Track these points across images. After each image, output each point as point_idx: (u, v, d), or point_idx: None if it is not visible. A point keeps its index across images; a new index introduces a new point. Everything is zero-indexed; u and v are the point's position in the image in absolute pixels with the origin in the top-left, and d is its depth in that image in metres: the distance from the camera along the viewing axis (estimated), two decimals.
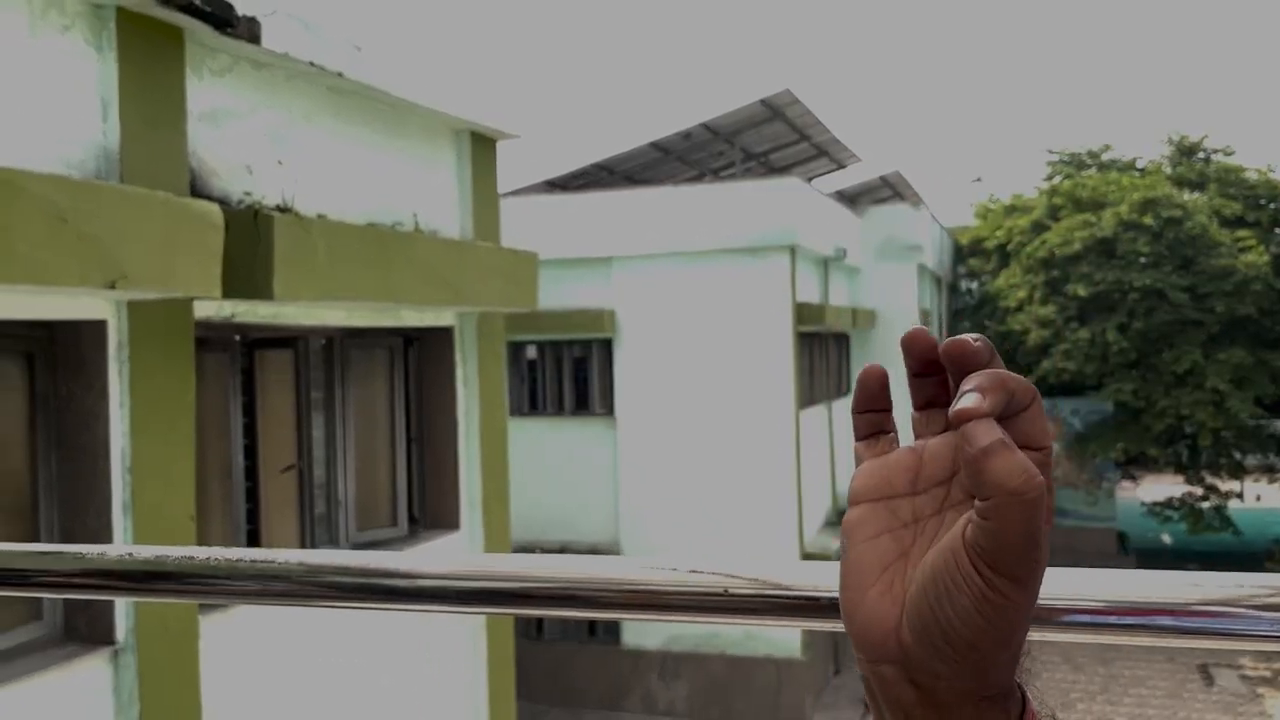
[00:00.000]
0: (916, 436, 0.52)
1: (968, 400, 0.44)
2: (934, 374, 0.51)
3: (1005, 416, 0.44)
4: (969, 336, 0.47)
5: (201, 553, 0.72)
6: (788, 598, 0.62)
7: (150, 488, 4.08)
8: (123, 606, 4.03)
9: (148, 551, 0.73)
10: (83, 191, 3.57)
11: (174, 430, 4.18)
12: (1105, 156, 24.19)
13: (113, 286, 3.60)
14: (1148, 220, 19.17)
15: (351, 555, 0.71)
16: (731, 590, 0.63)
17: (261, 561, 0.71)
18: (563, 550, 15.12)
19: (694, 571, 0.65)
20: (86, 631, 4.00)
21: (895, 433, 0.54)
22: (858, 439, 0.54)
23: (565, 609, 0.67)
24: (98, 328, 3.99)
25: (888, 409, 0.54)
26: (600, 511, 15.28)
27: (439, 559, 0.70)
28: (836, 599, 0.52)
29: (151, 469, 4.08)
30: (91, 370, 4.00)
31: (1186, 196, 20.47)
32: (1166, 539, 26.22)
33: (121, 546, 0.75)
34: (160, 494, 4.11)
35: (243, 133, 4.69)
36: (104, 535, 3.98)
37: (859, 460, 0.53)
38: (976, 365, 0.47)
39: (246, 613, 4.64)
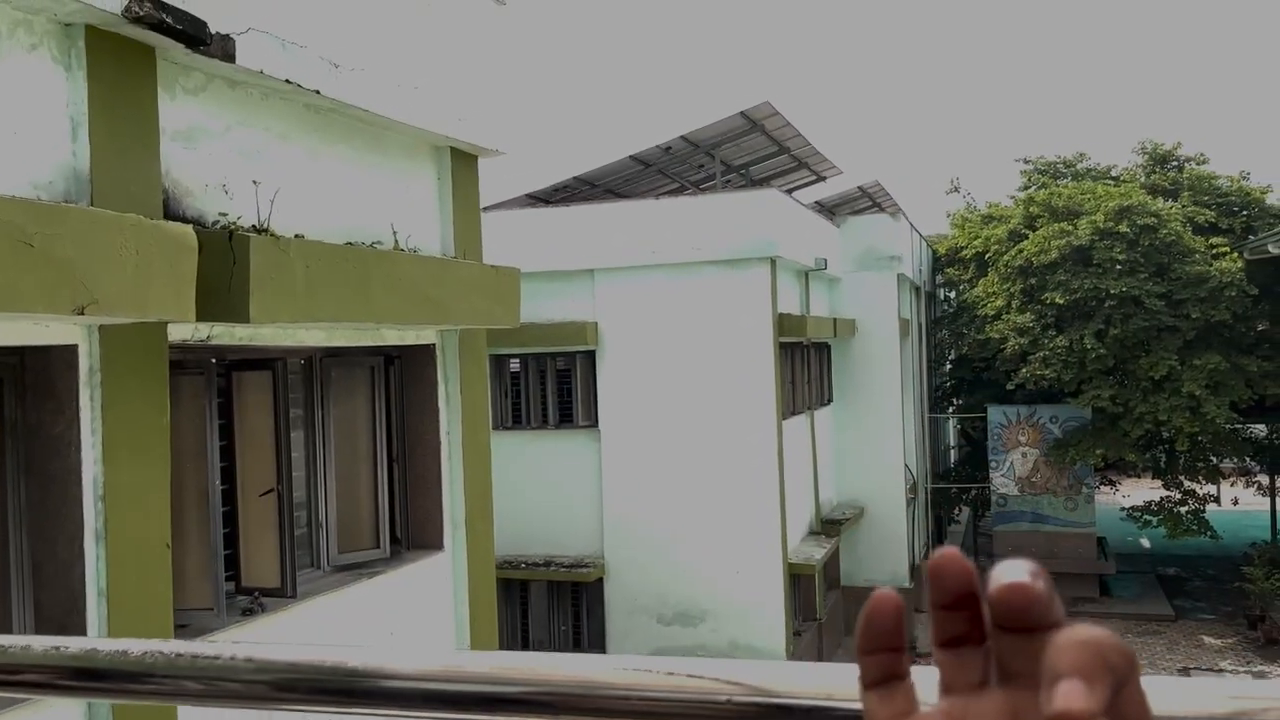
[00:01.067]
0: (944, 683, 0.41)
1: (1070, 698, 0.34)
2: (966, 607, 0.41)
3: None
4: (1025, 573, 0.37)
5: (137, 646, 0.64)
6: (798, 708, 0.56)
7: (124, 515, 3.98)
8: (94, 635, 3.93)
9: (76, 645, 0.65)
10: (51, 215, 3.48)
11: (148, 456, 4.08)
12: (1080, 165, 24.39)
13: (82, 312, 3.51)
14: (1123, 228, 19.32)
15: (306, 650, 0.64)
16: (735, 699, 0.57)
17: (205, 657, 0.63)
18: (548, 564, 15.02)
19: (692, 676, 0.59)
20: None
21: (911, 680, 0.43)
22: (866, 686, 0.43)
23: (544, 715, 0.60)
24: (68, 353, 3.89)
25: (902, 649, 0.43)
26: (584, 525, 15.19)
27: (406, 656, 0.63)
28: (851, 709, 0.45)
29: (125, 496, 3.99)
30: (62, 396, 3.91)
31: (1160, 204, 20.65)
32: (1145, 543, 26.38)
33: (47, 639, 0.67)
34: (134, 521, 4.01)
35: (217, 152, 4.61)
36: (75, 565, 3.88)
37: (870, 717, 0.42)
38: (1040, 618, 0.37)
39: None
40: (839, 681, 0.55)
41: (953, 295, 26.27)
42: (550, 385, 15.36)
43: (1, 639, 0.66)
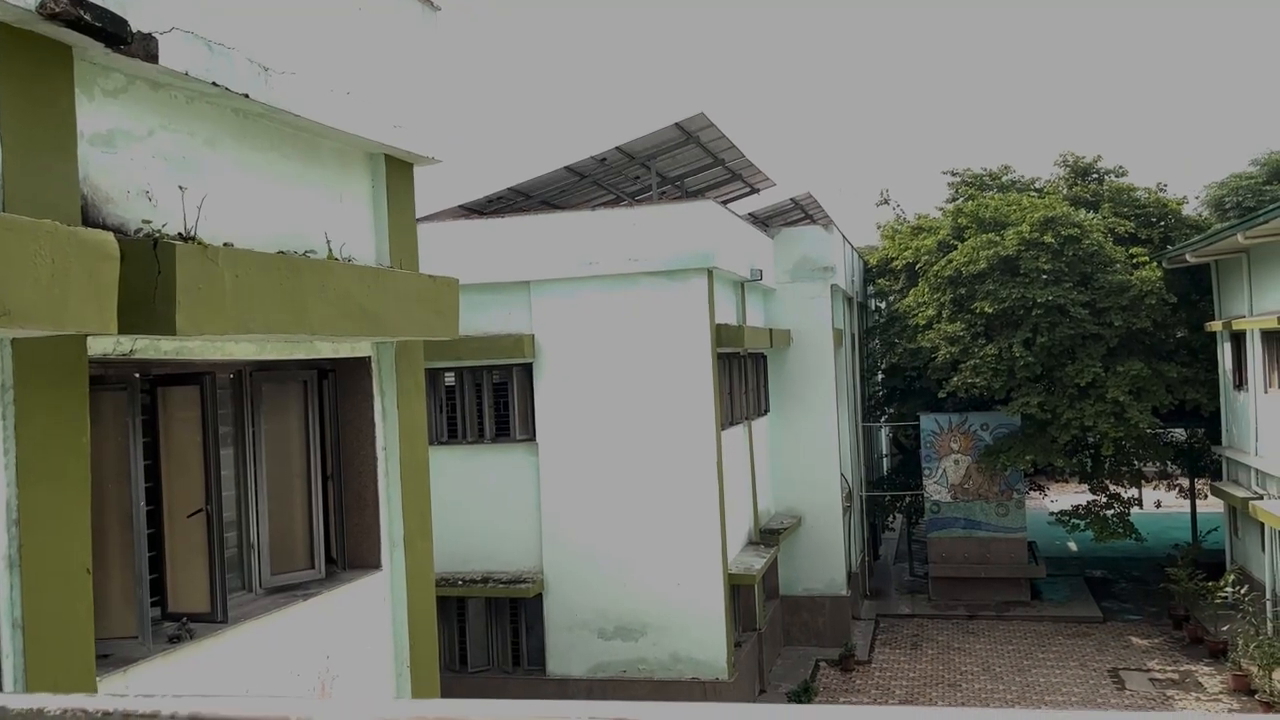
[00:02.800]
0: None
1: None
2: None
3: None
4: None
5: (54, 703, 0.52)
6: None
7: (40, 540, 3.74)
8: (10, 670, 3.69)
9: None
10: None
11: (66, 477, 3.86)
12: (1005, 178, 24.99)
13: None
14: (1048, 238, 19.82)
15: (247, 703, 0.53)
16: None
17: (139, 715, 0.52)
18: (485, 580, 14.77)
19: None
20: None
21: None
22: None
23: None
24: None
25: None
26: (522, 540, 15.00)
27: (346, 709, 0.53)
28: None
29: (41, 520, 3.75)
30: None
31: (1083, 215, 21.24)
32: (1073, 547, 27.03)
33: None
34: (51, 546, 3.78)
35: (140, 157, 4.40)
36: None
37: None
38: None
39: (151, 672, 4.32)
40: None
41: (884, 305, 26.69)
42: (486, 398, 15.16)
43: None
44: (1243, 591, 17.36)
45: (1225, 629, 17.78)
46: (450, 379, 15.14)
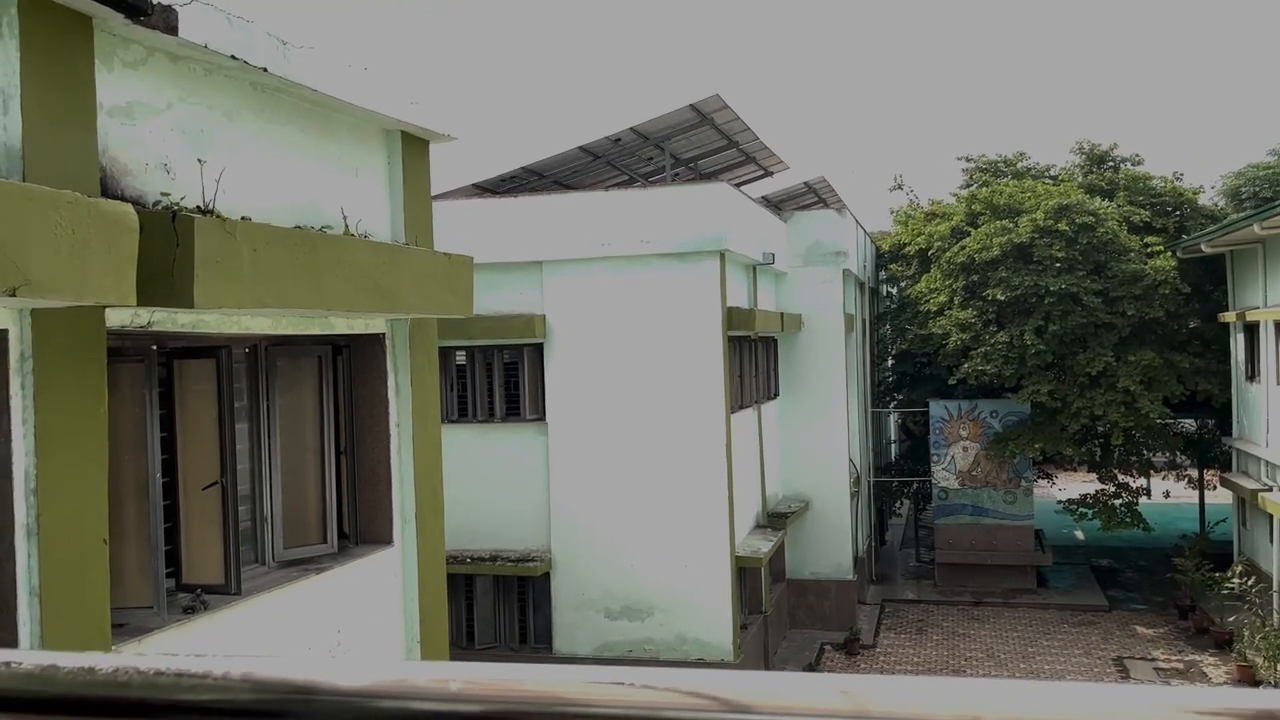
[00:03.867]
0: None
1: None
2: None
3: None
4: None
5: (105, 662, 0.52)
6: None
7: (57, 510, 3.77)
8: (27, 638, 3.73)
9: (31, 660, 0.53)
10: None
11: (84, 447, 3.88)
12: (1020, 164, 24.83)
13: (13, 294, 3.30)
14: (1062, 226, 19.70)
15: (301, 665, 0.53)
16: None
17: (191, 675, 0.52)
18: (494, 558, 14.84)
19: (646, 687, 0.51)
20: None
21: None
22: None
23: None
24: None
25: None
26: (531, 519, 15.05)
27: (413, 668, 0.53)
28: None
29: (58, 490, 3.78)
30: None
31: (1097, 203, 21.09)
32: (1080, 535, 27.01)
33: None
34: (68, 516, 3.81)
35: (159, 129, 4.40)
36: (5, 563, 3.67)
37: None
38: None
39: (165, 642, 4.36)
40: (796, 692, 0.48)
41: (896, 291, 26.59)
42: (497, 378, 15.18)
43: None
44: (1250, 583, 17.33)
45: (1231, 620, 17.76)
46: (461, 358, 15.17)
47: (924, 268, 22.85)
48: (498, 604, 15.32)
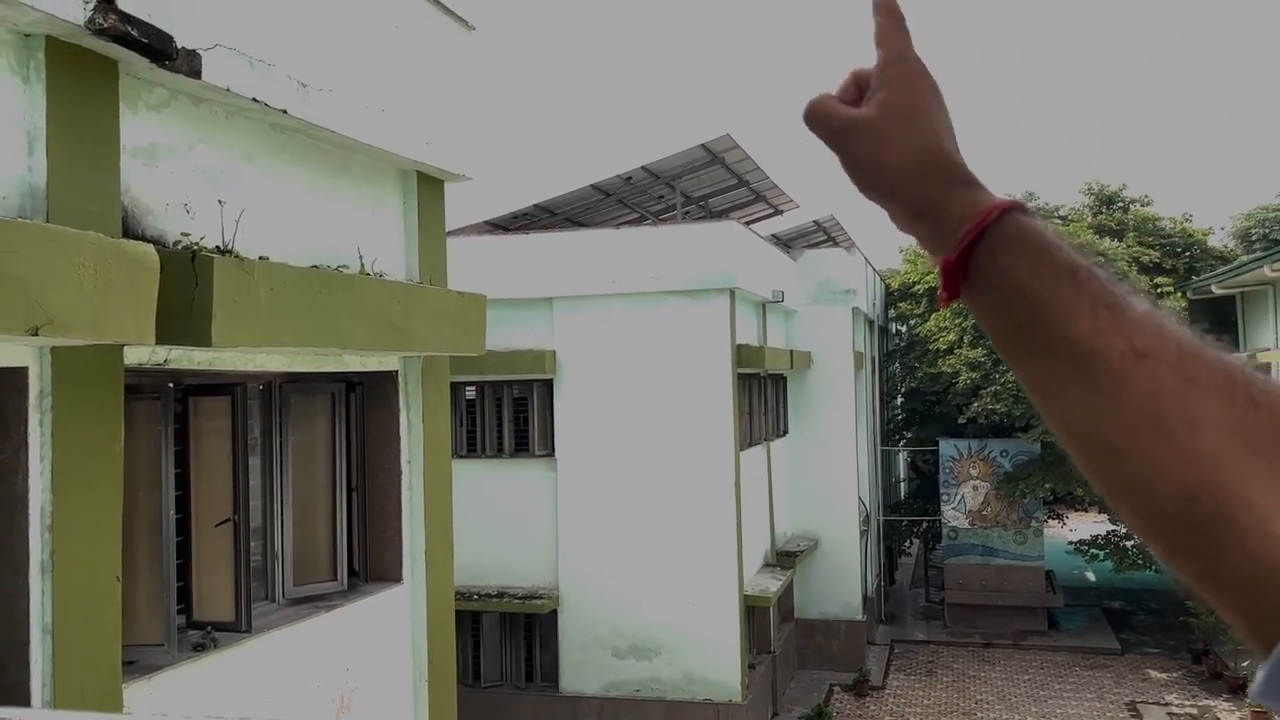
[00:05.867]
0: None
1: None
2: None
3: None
4: None
5: None
6: None
7: (72, 546, 3.79)
8: (39, 675, 3.73)
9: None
10: (4, 231, 3.32)
11: (100, 484, 3.91)
12: (1029, 204, 24.89)
13: (36, 333, 3.35)
14: None
15: None
16: None
17: None
18: (501, 595, 14.78)
19: None
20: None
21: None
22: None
23: None
24: (18, 375, 3.72)
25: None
26: (539, 555, 15.00)
27: None
28: None
29: (74, 526, 3.81)
30: (10, 420, 3.73)
31: (1107, 244, 21.13)
32: (1090, 577, 26.75)
33: None
34: (83, 553, 3.83)
35: (180, 171, 4.47)
36: (19, 599, 3.68)
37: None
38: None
39: (175, 680, 4.35)
40: None
41: (905, 329, 26.60)
42: (507, 413, 15.21)
43: None
44: None
45: (1245, 665, 17.53)
46: (471, 393, 15.21)
47: (933, 306, 22.87)
48: (504, 641, 15.23)
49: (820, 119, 0.75)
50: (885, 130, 0.72)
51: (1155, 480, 0.55)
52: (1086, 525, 26.74)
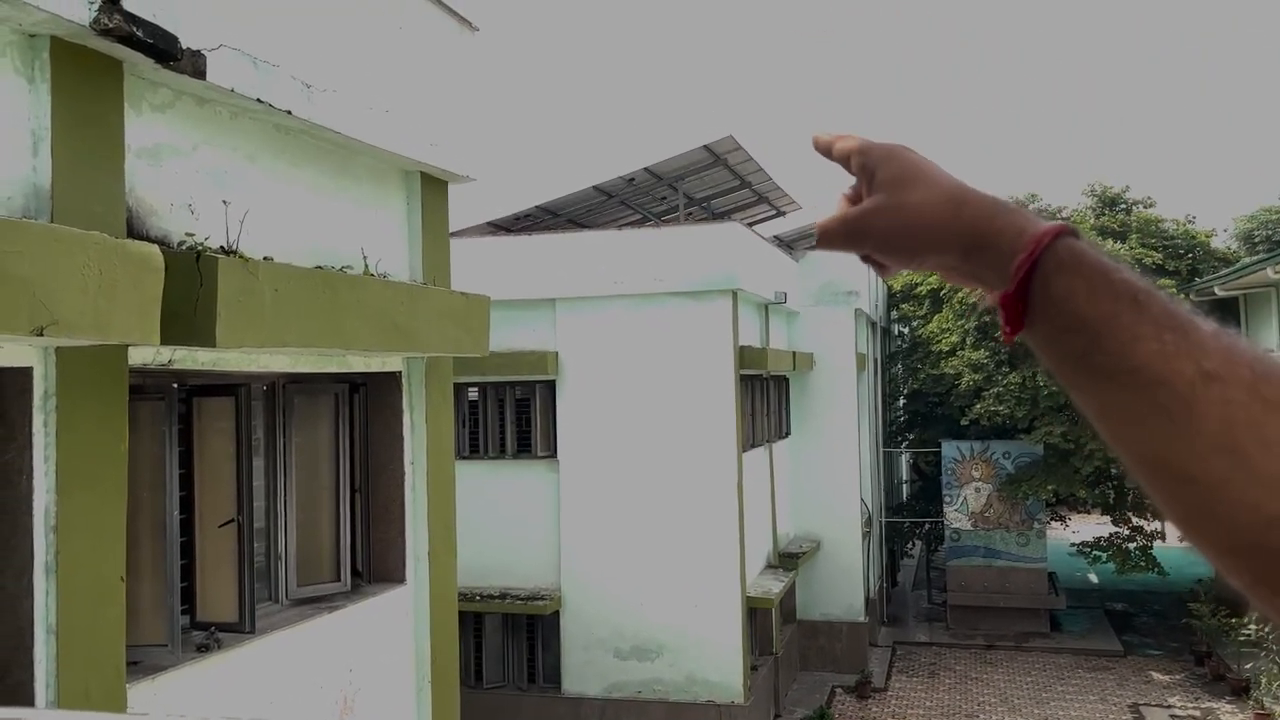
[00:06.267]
0: None
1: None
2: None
3: None
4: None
5: None
6: None
7: (76, 547, 3.79)
8: (43, 676, 3.72)
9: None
10: (9, 231, 3.32)
11: (104, 485, 3.91)
12: (1032, 206, 24.90)
13: (41, 333, 3.35)
14: None
15: None
16: None
17: None
18: (503, 596, 14.77)
19: None
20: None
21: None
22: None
23: None
24: (23, 376, 3.72)
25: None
26: (541, 556, 14.99)
27: None
28: None
29: (78, 527, 3.80)
30: (14, 421, 3.73)
31: (1110, 245, 21.11)
32: (1093, 579, 26.71)
33: None
34: (87, 554, 3.83)
35: (184, 171, 4.48)
36: (23, 600, 3.68)
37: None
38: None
39: (179, 681, 4.35)
40: None
41: (907, 330, 26.58)
42: (509, 414, 15.20)
43: None
44: (1267, 629, 17.09)
45: (1248, 667, 17.50)
46: (474, 394, 15.21)
47: (936, 307, 22.86)
48: (506, 642, 15.22)
49: (835, 230, 0.76)
50: (900, 198, 0.72)
51: (1232, 508, 0.53)
52: (1089, 527, 26.70)
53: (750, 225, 17.86)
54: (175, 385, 4.61)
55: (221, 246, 4.39)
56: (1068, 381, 0.63)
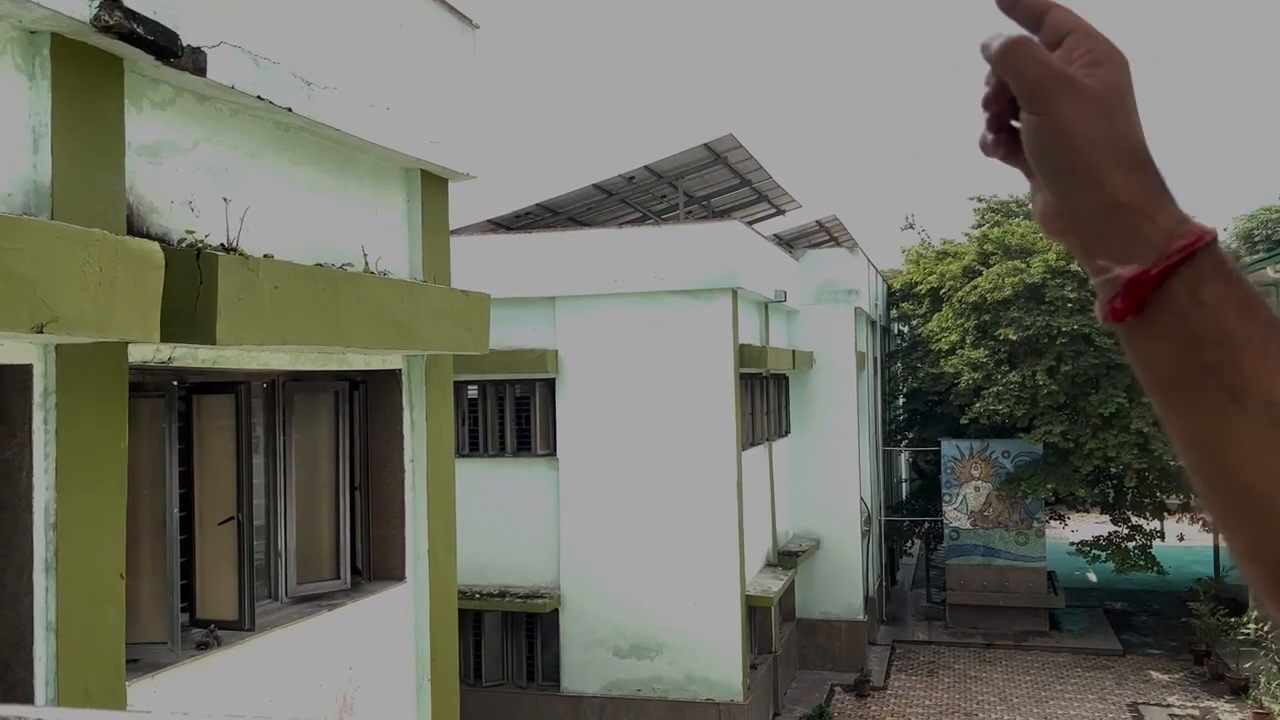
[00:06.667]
0: None
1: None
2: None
3: None
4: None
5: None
6: None
7: (76, 544, 3.79)
8: (42, 673, 3.72)
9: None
10: (9, 228, 3.32)
11: (104, 482, 3.90)
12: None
13: (41, 330, 3.34)
14: (1074, 266, 19.71)
15: None
16: None
17: None
18: (502, 594, 14.77)
19: None
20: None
21: None
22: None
23: None
24: (23, 373, 3.72)
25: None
26: (540, 555, 14.99)
27: None
28: None
29: (78, 524, 3.80)
30: (14, 418, 3.72)
31: None
32: (1092, 578, 26.72)
33: None
34: (87, 551, 3.82)
35: (184, 168, 4.47)
36: (23, 597, 3.68)
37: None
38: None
39: (178, 679, 4.35)
40: None
41: (907, 329, 26.57)
42: (509, 412, 15.20)
43: None
44: (1265, 628, 17.10)
45: (1247, 666, 17.51)
46: (473, 392, 15.20)
47: (935, 307, 22.85)
48: (506, 641, 15.23)
49: (1034, 61, 0.64)
50: (1111, 106, 0.62)
51: None
52: (1088, 526, 26.72)
53: (750, 224, 17.85)
54: (175, 383, 4.61)
55: (222, 244, 4.39)
56: (1173, 390, 0.58)
